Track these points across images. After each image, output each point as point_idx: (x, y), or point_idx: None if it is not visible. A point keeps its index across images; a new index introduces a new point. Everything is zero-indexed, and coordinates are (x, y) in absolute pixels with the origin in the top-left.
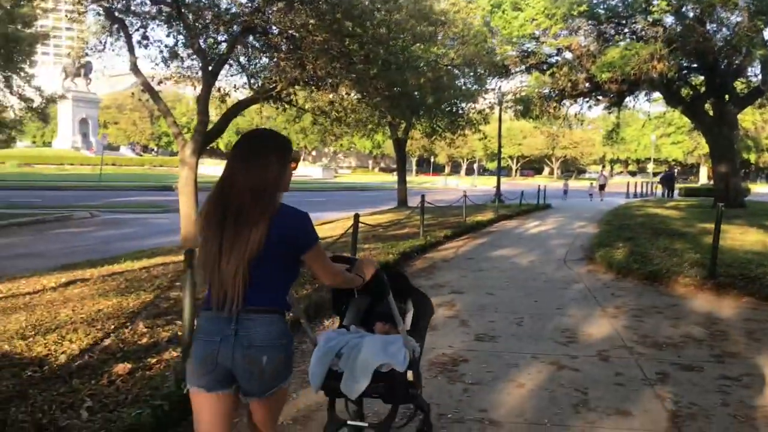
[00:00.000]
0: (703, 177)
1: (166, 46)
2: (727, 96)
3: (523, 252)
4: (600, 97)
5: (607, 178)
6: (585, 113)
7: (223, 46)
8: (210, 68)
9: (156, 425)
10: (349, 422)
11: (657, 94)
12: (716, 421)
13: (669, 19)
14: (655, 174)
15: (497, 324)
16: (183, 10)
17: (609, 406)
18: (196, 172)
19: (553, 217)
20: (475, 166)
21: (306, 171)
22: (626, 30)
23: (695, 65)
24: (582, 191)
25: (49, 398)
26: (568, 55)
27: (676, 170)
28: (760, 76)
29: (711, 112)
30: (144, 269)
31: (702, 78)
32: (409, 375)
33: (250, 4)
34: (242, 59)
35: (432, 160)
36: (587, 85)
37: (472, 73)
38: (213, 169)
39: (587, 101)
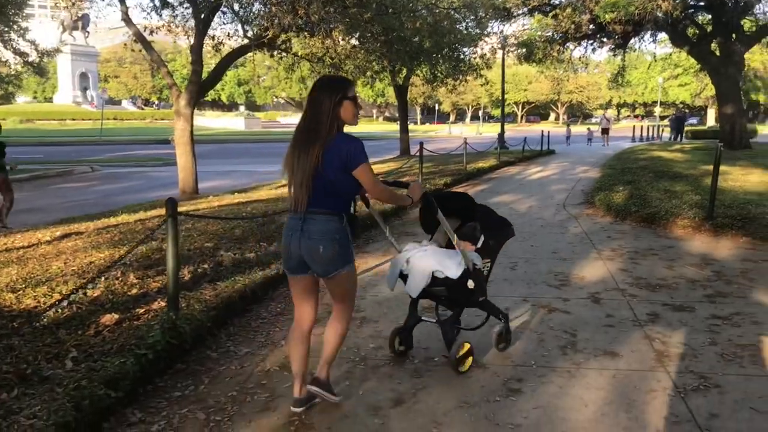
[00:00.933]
0: (711, 119)
1: None
2: (734, 35)
3: (522, 197)
4: (604, 39)
5: (610, 122)
6: (590, 56)
7: None
8: (202, 16)
9: (140, 374)
10: (423, 318)
11: (663, 35)
12: (703, 359)
13: None
14: (662, 117)
15: None
16: None
17: (597, 347)
18: (192, 123)
19: (555, 162)
20: (480, 113)
21: None
22: None
23: (701, 3)
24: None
25: (34, 349)
26: None
27: (685, 112)
28: None
29: (717, 52)
30: (139, 221)
31: (708, 16)
32: (470, 284)
33: None
34: (235, 6)
35: (436, 108)
36: (591, 26)
37: (472, 17)
38: (216, 121)
39: (591, 44)
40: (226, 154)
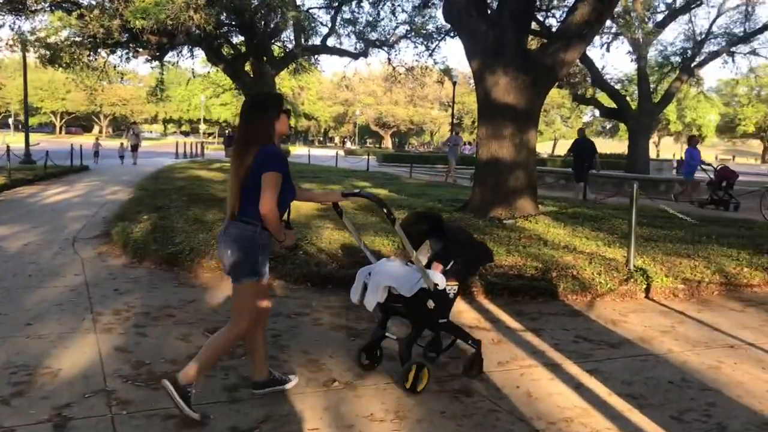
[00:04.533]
0: None
1: None
2: (265, 58)
3: (25, 230)
4: (140, 49)
5: (139, 137)
6: (132, 68)
7: None
8: None
9: None
10: (387, 334)
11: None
12: None
13: None
14: (207, 134)
15: None
16: None
17: None
18: None
19: (86, 181)
20: (11, 120)
21: None
22: None
23: (234, 23)
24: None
25: None
26: None
27: (228, 131)
28: (294, 40)
29: (252, 73)
30: None
31: (242, 38)
32: (430, 304)
33: None
34: None
35: None
36: (124, 33)
37: None
38: None
39: (127, 53)
40: None
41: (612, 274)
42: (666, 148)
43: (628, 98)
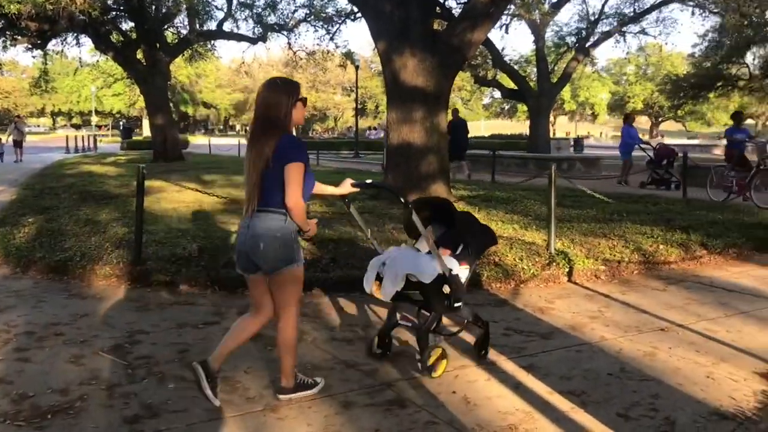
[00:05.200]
0: (147, 130)
1: None
2: (158, 44)
3: None
4: (18, 37)
5: (23, 132)
6: (15, 58)
7: None
8: None
9: None
10: (399, 321)
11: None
12: None
13: None
14: (99, 126)
15: None
16: None
17: None
18: None
19: None
20: None
21: None
22: None
23: (123, 8)
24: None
25: None
26: None
27: (130, 123)
28: (188, 25)
29: (144, 61)
30: None
31: (132, 24)
32: (446, 289)
33: None
34: None
35: None
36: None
37: None
38: None
39: (3, 41)
40: None
41: (534, 258)
42: (561, 127)
43: (527, 79)
